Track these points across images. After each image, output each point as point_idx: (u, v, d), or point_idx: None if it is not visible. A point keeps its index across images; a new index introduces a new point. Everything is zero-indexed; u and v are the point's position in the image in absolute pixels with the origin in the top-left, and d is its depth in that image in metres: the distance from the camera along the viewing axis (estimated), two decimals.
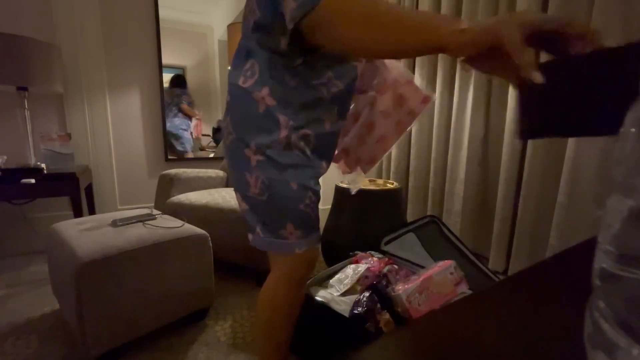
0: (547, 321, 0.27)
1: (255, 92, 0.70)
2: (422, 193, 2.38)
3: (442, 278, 1.00)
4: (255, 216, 0.76)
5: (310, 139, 0.74)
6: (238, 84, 0.73)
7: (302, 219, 0.75)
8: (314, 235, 0.79)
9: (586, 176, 1.42)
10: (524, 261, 1.69)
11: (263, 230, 0.75)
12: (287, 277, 0.80)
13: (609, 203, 0.16)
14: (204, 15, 2.44)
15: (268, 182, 0.71)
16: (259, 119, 0.71)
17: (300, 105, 0.72)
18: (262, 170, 0.71)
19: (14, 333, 1.23)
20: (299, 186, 0.73)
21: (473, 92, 1.89)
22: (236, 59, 0.76)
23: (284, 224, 0.74)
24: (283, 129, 0.71)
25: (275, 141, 0.71)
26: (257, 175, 0.72)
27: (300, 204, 0.73)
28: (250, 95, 0.71)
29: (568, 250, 0.40)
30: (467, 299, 0.30)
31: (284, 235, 0.74)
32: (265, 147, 0.71)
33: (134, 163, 2.31)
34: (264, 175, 0.71)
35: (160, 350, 1.15)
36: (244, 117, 0.72)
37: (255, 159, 0.71)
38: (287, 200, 0.72)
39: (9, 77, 1.56)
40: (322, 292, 1.13)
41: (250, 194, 0.74)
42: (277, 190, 0.72)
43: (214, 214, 1.64)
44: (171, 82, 2.41)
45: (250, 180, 0.73)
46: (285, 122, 0.71)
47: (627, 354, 0.14)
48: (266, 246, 0.76)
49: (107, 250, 1.04)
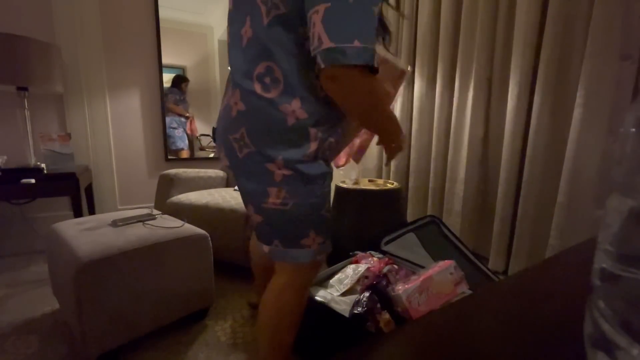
0: (547, 321, 0.27)
1: (283, 105, 0.65)
2: (422, 193, 2.38)
3: (442, 278, 1.00)
4: (272, 228, 0.73)
5: (333, 146, 0.73)
6: (256, 92, 0.66)
7: (324, 224, 0.74)
8: (329, 241, 0.77)
9: (586, 176, 1.42)
10: (524, 261, 1.69)
11: (283, 242, 0.73)
12: (298, 284, 0.78)
13: (609, 203, 0.16)
14: (204, 15, 2.44)
15: (294, 192, 0.69)
16: (287, 133, 0.66)
17: (328, 117, 0.69)
18: (288, 183, 0.68)
19: (14, 333, 1.23)
20: (322, 193, 0.72)
21: (473, 92, 1.89)
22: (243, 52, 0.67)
23: (306, 232, 0.72)
24: (313, 142, 0.68)
25: (305, 155, 0.67)
26: (280, 188, 0.68)
27: (322, 210, 0.73)
28: (277, 108, 0.65)
29: (568, 250, 0.40)
30: (467, 299, 0.30)
31: (306, 243, 0.72)
32: (294, 163, 0.67)
33: (134, 163, 2.31)
34: (288, 187, 0.68)
35: (160, 350, 1.15)
36: (267, 130, 0.67)
37: (280, 174, 0.68)
38: (312, 208, 0.71)
39: (9, 77, 1.56)
40: (322, 292, 1.13)
41: (267, 205, 0.70)
42: (301, 200, 0.69)
43: (214, 214, 1.64)
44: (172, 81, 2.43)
45: (271, 192, 0.69)
46: (315, 135, 0.67)
47: (627, 354, 0.14)
48: (287, 257, 0.73)
49: (107, 250, 1.04)
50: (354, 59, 0.53)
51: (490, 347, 0.23)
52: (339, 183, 1.75)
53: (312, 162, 0.69)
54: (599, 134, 1.38)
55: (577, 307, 0.28)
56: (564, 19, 1.48)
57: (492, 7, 1.80)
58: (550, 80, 1.54)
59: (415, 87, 2.32)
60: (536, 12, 1.57)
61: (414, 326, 0.26)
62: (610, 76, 1.33)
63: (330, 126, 0.70)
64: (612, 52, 1.32)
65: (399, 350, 0.23)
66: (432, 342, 0.24)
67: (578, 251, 0.40)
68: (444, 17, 2.07)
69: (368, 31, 0.54)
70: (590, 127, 1.39)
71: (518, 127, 1.69)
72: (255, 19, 0.63)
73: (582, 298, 0.27)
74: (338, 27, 0.53)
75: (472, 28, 1.91)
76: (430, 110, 2.28)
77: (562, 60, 1.52)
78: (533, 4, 1.57)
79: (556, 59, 1.52)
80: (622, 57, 1.31)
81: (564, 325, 0.26)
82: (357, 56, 0.53)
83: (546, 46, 1.53)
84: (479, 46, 1.85)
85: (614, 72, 1.32)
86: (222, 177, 2.19)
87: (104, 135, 2.16)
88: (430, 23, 2.18)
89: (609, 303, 0.16)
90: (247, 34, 0.66)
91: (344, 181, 1.83)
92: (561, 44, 1.51)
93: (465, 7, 1.92)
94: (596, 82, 1.36)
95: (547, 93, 1.55)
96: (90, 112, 2.10)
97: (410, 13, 2.34)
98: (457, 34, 2.02)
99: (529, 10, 1.58)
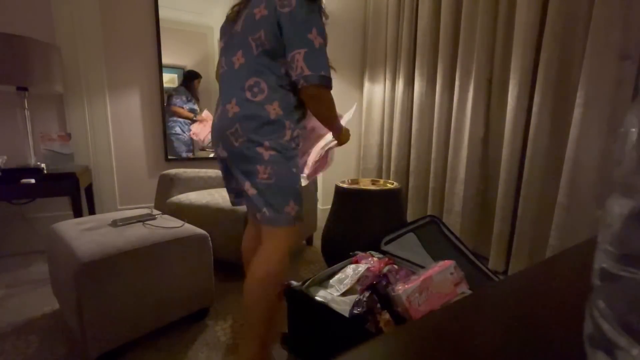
0: (547, 321, 0.27)
1: (267, 105, 0.96)
2: (422, 193, 2.38)
3: (442, 278, 1.00)
4: (262, 198, 0.97)
5: (299, 137, 1.05)
6: (247, 98, 0.96)
7: (298, 196, 1.00)
8: (302, 211, 1.03)
9: (586, 176, 1.42)
10: (524, 261, 1.69)
11: (270, 210, 0.96)
12: (281, 248, 0.99)
13: (609, 203, 0.16)
14: (204, 15, 2.44)
15: (277, 168, 0.96)
16: (270, 124, 0.96)
17: (295, 114, 1.01)
18: (273, 162, 0.96)
19: (14, 333, 1.23)
20: (296, 171, 1.01)
21: (473, 92, 1.89)
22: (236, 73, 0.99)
23: (287, 201, 0.97)
24: (288, 130, 0.98)
25: (284, 139, 0.97)
26: (266, 166, 0.95)
27: (296, 184, 1.00)
28: (263, 107, 0.95)
29: (568, 250, 0.40)
30: (467, 299, 0.30)
31: (287, 211, 0.97)
32: (276, 144, 0.96)
33: (134, 163, 2.31)
34: (273, 164, 0.96)
35: (160, 350, 1.15)
36: (256, 123, 0.95)
37: (268, 154, 0.95)
38: (290, 181, 0.98)
39: (9, 77, 1.56)
40: (322, 292, 1.13)
41: (258, 179, 0.96)
42: (283, 175, 0.97)
43: (214, 214, 1.64)
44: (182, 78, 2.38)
45: (260, 169, 0.96)
46: (288, 125, 0.98)
47: (627, 354, 0.14)
48: (273, 221, 0.97)
49: (107, 250, 1.04)
50: (321, 81, 0.94)
51: (490, 347, 0.23)
52: (339, 183, 1.75)
53: (288, 146, 0.98)
54: (599, 134, 1.38)
55: (577, 307, 0.28)
56: (564, 19, 1.48)
57: (492, 7, 1.80)
58: (550, 80, 1.54)
59: (415, 87, 2.33)
60: (536, 12, 1.57)
61: (414, 326, 0.26)
62: (610, 76, 1.33)
63: (297, 120, 1.02)
64: (612, 52, 1.32)
65: (399, 350, 0.23)
66: (432, 342, 0.24)
67: (578, 251, 0.40)
68: (444, 17, 2.07)
69: (326, 65, 0.95)
70: (590, 127, 1.39)
71: (518, 127, 1.69)
72: (247, 51, 0.98)
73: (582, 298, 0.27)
74: (312, 62, 0.92)
75: (472, 28, 1.91)
76: (430, 110, 2.28)
77: (562, 60, 1.52)
78: (533, 4, 1.57)
79: (556, 59, 1.52)
80: (622, 57, 1.31)
81: (564, 325, 0.26)
82: (322, 80, 0.94)
83: (546, 46, 1.53)
84: (479, 46, 1.85)
85: (614, 72, 1.32)
86: (222, 177, 2.19)
87: (104, 135, 2.16)
88: (430, 23, 2.18)
89: (609, 303, 0.16)
90: (239, 60, 0.99)
91: (343, 181, 1.83)
92: (561, 44, 1.51)
93: (465, 7, 1.92)
94: (596, 82, 1.36)
95: (547, 93, 1.55)
96: (90, 112, 2.10)
97: (410, 13, 2.35)
98: (457, 34, 2.02)
99: (529, 10, 1.58)
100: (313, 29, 0.93)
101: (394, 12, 2.47)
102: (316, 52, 0.93)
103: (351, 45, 2.76)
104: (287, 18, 0.92)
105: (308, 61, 0.93)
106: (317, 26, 0.94)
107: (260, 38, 0.95)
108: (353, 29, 2.74)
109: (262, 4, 0.96)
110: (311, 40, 0.93)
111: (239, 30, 1.01)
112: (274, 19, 0.94)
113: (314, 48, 0.93)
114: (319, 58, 0.94)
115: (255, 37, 0.96)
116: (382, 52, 2.63)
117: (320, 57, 0.94)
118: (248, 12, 1.00)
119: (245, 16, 1.00)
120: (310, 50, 0.92)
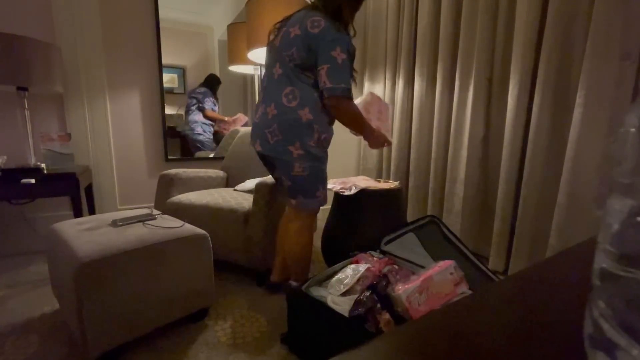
0: (547, 321, 0.27)
1: (299, 111, 1.16)
2: (422, 193, 2.38)
3: (442, 278, 1.00)
4: (298, 187, 1.24)
5: (329, 140, 1.25)
6: (283, 103, 1.17)
7: (324, 183, 1.29)
8: (326, 195, 1.32)
9: (586, 176, 1.42)
10: (524, 261, 1.69)
11: (304, 196, 1.26)
12: (307, 225, 1.32)
13: (609, 203, 0.16)
14: (204, 15, 2.44)
15: (309, 165, 1.21)
16: (301, 128, 1.17)
17: (324, 120, 1.20)
18: (305, 159, 1.19)
19: (14, 333, 1.23)
20: (324, 166, 1.27)
21: (473, 92, 1.89)
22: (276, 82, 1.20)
23: (318, 187, 1.27)
24: (316, 133, 1.19)
25: (312, 141, 1.19)
26: (299, 163, 1.19)
27: (324, 175, 1.28)
28: (296, 112, 1.16)
29: (568, 250, 0.40)
30: (467, 299, 0.30)
31: (318, 195, 1.27)
32: (306, 145, 1.18)
33: (134, 163, 2.31)
34: (303, 161, 1.20)
35: (160, 350, 1.15)
36: (289, 125, 1.16)
37: (297, 153, 1.18)
38: (321, 174, 1.26)
39: (9, 77, 1.56)
40: (322, 292, 1.13)
41: (293, 173, 1.21)
42: (314, 170, 1.23)
43: (214, 214, 1.64)
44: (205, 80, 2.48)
45: (295, 165, 1.20)
46: (317, 129, 1.19)
47: (627, 354, 0.14)
48: (307, 205, 1.27)
49: (107, 250, 1.04)
50: (341, 93, 1.11)
51: (490, 347, 0.23)
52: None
53: (316, 146, 1.21)
54: (599, 134, 1.38)
55: (577, 307, 0.28)
56: (564, 19, 1.48)
57: (492, 7, 1.80)
58: (550, 80, 1.54)
59: (415, 87, 2.33)
60: (536, 12, 1.57)
61: (414, 326, 0.26)
62: (610, 76, 1.33)
63: (325, 125, 1.22)
64: (612, 52, 1.32)
65: (399, 350, 0.23)
66: (432, 342, 0.24)
67: (578, 251, 0.40)
68: (444, 17, 2.07)
69: (347, 79, 1.12)
70: (590, 127, 1.39)
71: (518, 127, 1.69)
72: (283, 64, 1.18)
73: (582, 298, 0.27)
74: (334, 76, 1.10)
75: (472, 28, 1.91)
76: (430, 110, 2.28)
77: (562, 60, 1.52)
78: (533, 4, 1.57)
79: (556, 59, 1.52)
80: (622, 57, 1.30)
81: (564, 325, 0.26)
82: (342, 92, 1.11)
83: (546, 46, 1.53)
84: (479, 46, 1.85)
85: (614, 72, 1.32)
86: (222, 177, 2.19)
87: (104, 135, 2.16)
88: (430, 23, 2.18)
89: (609, 303, 0.16)
90: (277, 71, 1.19)
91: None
92: (561, 44, 1.51)
93: (465, 7, 1.92)
94: (596, 82, 1.36)
95: (547, 93, 1.55)
96: (90, 112, 2.10)
97: (410, 13, 2.35)
98: (457, 34, 2.02)
99: (529, 10, 1.58)
100: (337, 47, 1.09)
101: (394, 12, 2.47)
102: (338, 67, 1.09)
103: None
104: (316, 38, 1.09)
105: (330, 76, 1.10)
106: (341, 44, 1.09)
107: (292, 54, 1.14)
108: None
109: (297, 25, 1.13)
110: (334, 57, 1.09)
111: (277, 45, 1.20)
112: (305, 38, 1.11)
113: (337, 64, 1.09)
114: (341, 73, 1.10)
115: (288, 53, 1.15)
116: (382, 52, 2.63)
117: (342, 72, 1.10)
118: (285, 30, 1.18)
119: (283, 34, 1.19)
120: (332, 66, 1.09)
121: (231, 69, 2.59)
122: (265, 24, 1.93)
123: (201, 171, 2.07)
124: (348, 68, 1.11)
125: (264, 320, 1.33)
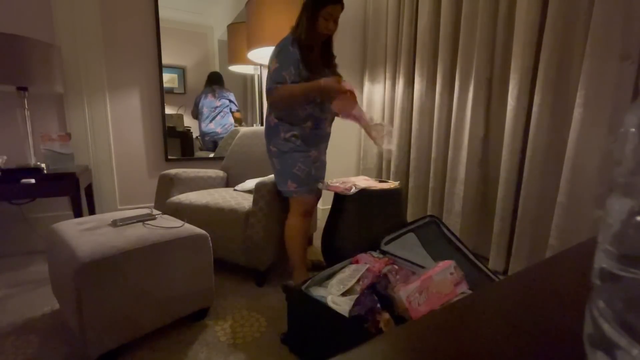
0: (547, 321, 0.27)
1: (268, 117, 1.52)
2: (422, 193, 2.38)
3: (442, 278, 1.00)
4: (278, 179, 1.53)
5: (297, 136, 1.48)
6: (267, 113, 1.54)
7: (294, 178, 1.48)
8: (305, 188, 1.50)
9: (586, 176, 1.42)
10: (524, 261, 1.69)
11: (280, 186, 1.53)
12: (295, 212, 1.52)
13: (609, 203, 0.16)
14: (204, 15, 2.44)
15: (278, 159, 1.50)
16: (271, 130, 1.51)
17: (285, 122, 1.48)
18: (275, 155, 1.51)
19: (14, 333, 1.23)
20: (293, 160, 1.47)
21: (473, 92, 1.89)
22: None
23: (287, 181, 1.49)
24: (282, 133, 1.48)
25: (279, 140, 1.48)
26: (274, 158, 1.52)
27: (293, 169, 1.47)
28: (267, 119, 1.52)
29: (568, 250, 0.40)
30: (467, 299, 0.30)
31: (289, 186, 1.49)
32: (276, 144, 1.49)
33: (134, 163, 2.31)
34: (274, 157, 1.51)
35: (160, 350, 1.15)
36: (266, 129, 1.53)
37: (273, 150, 1.51)
38: (287, 167, 1.48)
39: (9, 77, 1.56)
40: (322, 292, 1.13)
41: (274, 168, 1.54)
42: (282, 163, 1.49)
43: (214, 214, 1.64)
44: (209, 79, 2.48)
45: (273, 161, 1.53)
46: (282, 129, 1.48)
47: (627, 354, 0.14)
48: (286, 193, 1.52)
49: (107, 250, 1.04)
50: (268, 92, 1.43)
51: (490, 347, 0.23)
52: None
53: (284, 144, 1.48)
54: (599, 134, 1.38)
55: (577, 307, 0.28)
56: (564, 19, 1.48)
57: (492, 7, 1.80)
58: (550, 80, 1.54)
59: (415, 87, 2.32)
60: (536, 12, 1.57)
61: (414, 326, 0.26)
62: (610, 76, 1.33)
63: (289, 126, 1.47)
64: (612, 52, 1.32)
65: (399, 350, 0.23)
66: (432, 342, 0.24)
67: (578, 251, 0.40)
68: (444, 17, 2.07)
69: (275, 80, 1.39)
70: (590, 127, 1.39)
71: (518, 127, 1.69)
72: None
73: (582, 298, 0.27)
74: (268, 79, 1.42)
75: (472, 28, 1.91)
76: (430, 110, 2.28)
77: (562, 60, 1.52)
78: (533, 4, 1.57)
79: (556, 59, 1.52)
80: (622, 57, 1.30)
81: (564, 325, 0.26)
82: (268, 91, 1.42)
83: (546, 46, 1.53)
84: (479, 46, 1.85)
85: (614, 72, 1.32)
86: (222, 177, 2.19)
87: (104, 135, 2.16)
88: (430, 23, 2.18)
89: (609, 303, 0.16)
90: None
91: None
92: (561, 44, 1.51)
93: (465, 6, 1.92)
94: (596, 82, 1.36)
95: (547, 93, 1.55)
96: (90, 112, 2.10)
97: (410, 13, 2.35)
98: (457, 34, 2.02)
99: (529, 10, 1.58)
100: (273, 59, 1.40)
101: (394, 12, 2.47)
102: (269, 74, 1.41)
103: (351, 45, 2.76)
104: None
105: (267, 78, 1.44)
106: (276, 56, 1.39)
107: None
108: (353, 28, 2.74)
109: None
110: (269, 67, 1.43)
111: None
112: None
113: (269, 72, 1.42)
114: (271, 77, 1.40)
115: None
116: (382, 52, 2.63)
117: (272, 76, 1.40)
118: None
119: None
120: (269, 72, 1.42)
121: (231, 69, 2.59)
122: (265, 24, 1.93)
123: (201, 171, 2.07)
124: (277, 74, 1.38)
125: (264, 320, 1.33)
